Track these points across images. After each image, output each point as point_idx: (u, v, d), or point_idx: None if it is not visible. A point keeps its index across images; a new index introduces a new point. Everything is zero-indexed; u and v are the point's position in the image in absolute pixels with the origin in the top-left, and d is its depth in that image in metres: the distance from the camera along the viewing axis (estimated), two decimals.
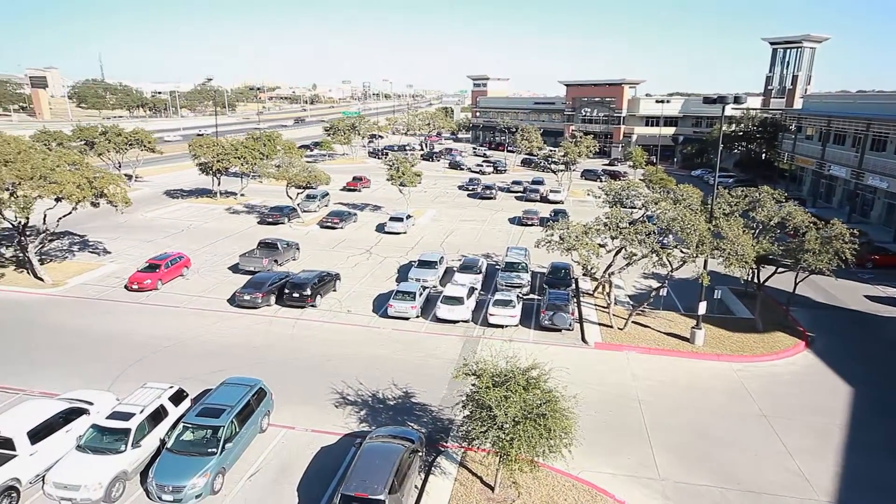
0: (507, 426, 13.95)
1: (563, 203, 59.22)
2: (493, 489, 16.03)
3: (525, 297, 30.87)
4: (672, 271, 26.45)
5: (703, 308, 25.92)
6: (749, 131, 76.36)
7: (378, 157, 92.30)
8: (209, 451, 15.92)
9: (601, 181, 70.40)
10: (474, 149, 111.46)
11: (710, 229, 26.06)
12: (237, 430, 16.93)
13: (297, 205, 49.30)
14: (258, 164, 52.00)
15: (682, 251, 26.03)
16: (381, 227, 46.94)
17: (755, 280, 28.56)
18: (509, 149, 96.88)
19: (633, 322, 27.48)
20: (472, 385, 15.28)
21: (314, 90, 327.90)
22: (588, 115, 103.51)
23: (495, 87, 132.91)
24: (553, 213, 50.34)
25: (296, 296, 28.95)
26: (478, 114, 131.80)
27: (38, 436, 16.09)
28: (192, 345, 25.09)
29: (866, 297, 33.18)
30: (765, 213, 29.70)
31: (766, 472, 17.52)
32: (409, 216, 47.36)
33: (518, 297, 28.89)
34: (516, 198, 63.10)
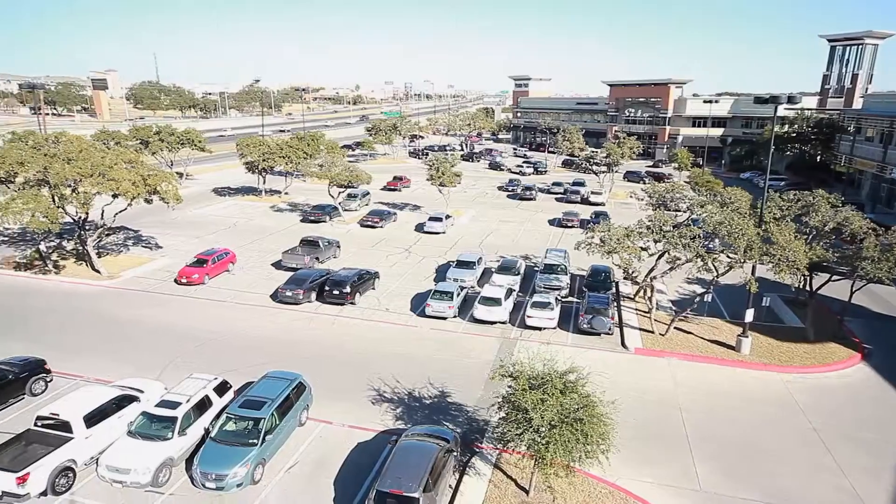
0: (543, 429, 13.83)
1: (604, 205, 58.25)
2: (527, 492, 15.91)
3: (564, 300, 30.51)
4: (718, 277, 25.62)
5: (750, 315, 25.00)
6: (803, 132, 73.06)
7: (418, 158, 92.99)
8: (250, 441, 16.39)
9: (644, 183, 68.80)
10: (514, 149, 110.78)
11: (759, 234, 25.12)
12: (277, 423, 17.37)
13: (339, 203, 50.17)
14: (302, 164, 53.26)
15: (728, 256, 25.19)
16: (420, 227, 47.26)
17: (807, 288, 27.35)
18: (550, 150, 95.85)
19: (675, 328, 26.77)
20: (509, 387, 15.21)
21: (357, 91, 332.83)
22: (632, 115, 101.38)
23: (537, 88, 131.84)
24: (594, 215, 49.50)
25: (336, 293, 29.48)
26: (519, 114, 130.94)
27: (92, 420, 16.94)
28: (236, 338, 25.89)
29: None
30: (819, 218, 28.42)
31: (817, 490, 16.75)
32: (448, 216, 47.50)
33: (557, 299, 28.58)
34: (556, 199, 62.42)
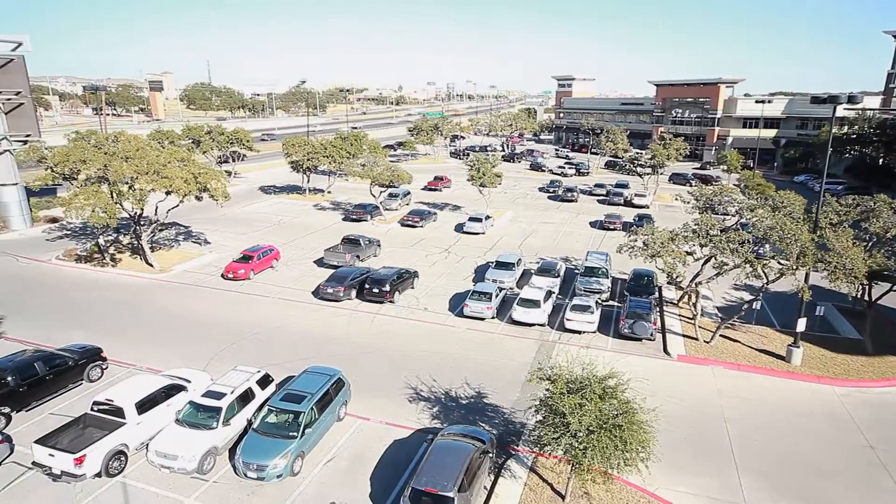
0: (581, 435, 13.64)
1: (648, 207, 56.97)
2: (563, 498, 15.72)
3: (604, 304, 29.99)
4: (768, 284, 24.64)
5: (802, 325, 23.92)
6: (864, 134, 69.39)
7: (459, 158, 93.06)
8: (290, 434, 16.80)
9: (691, 185, 66.86)
10: (556, 150, 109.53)
11: (813, 240, 24.03)
12: (316, 417, 17.74)
13: (380, 203, 50.79)
14: (344, 163, 54.19)
15: (780, 262, 24.19)
16: (459, 227, 47.33)
17: (865, 297, 25.96)
18: (593, 151, 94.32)
19: (721, 335, 25.89)
20: (546, 390, 15.05)
21: (400, 91, 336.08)
22: (679, 116, 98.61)
23: (580, 88, 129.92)
24: (637, 218, 48.56)
25: (375, 291, 29.86)
26: (561, 115, 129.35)
27: (143, 407, 17.70)
28: (278, 333, 26.58)
29: None
30: (880, 224, 26.90)
31: None
32: (488, 217, 47.40)
33: (597, 302, 28.12)
34: (599, 201, 61.35)
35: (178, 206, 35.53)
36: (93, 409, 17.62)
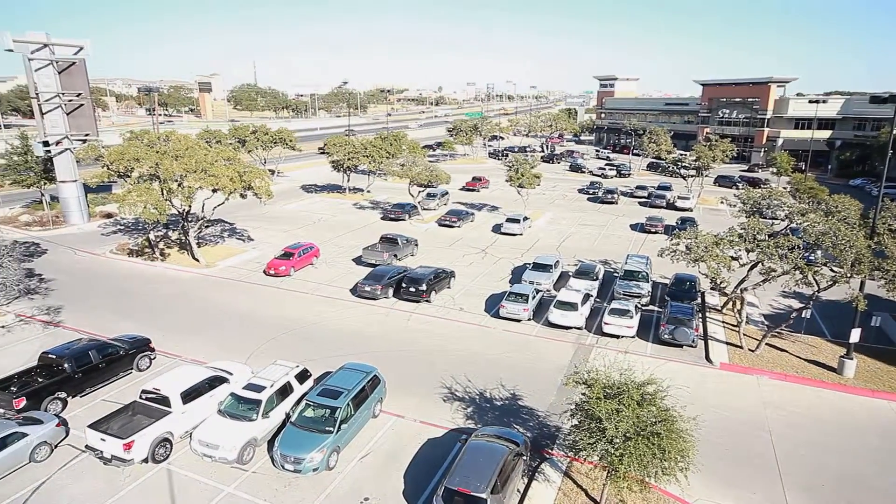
0: (618, 441, 13.38)
1: (691, 210, 55.43)
2: None
3: (644, 308, 29.34)
4: (819, 292, 23.58)
5: (856, 335, 22.79)
6: None
7: (498, 158, 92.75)
8: (327, 429, 17.10)
9: (738, 188, 64.64)
10: (597, 151, 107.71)
11: (870, 247, 22.87)
12: (352, 413, 18.01)
13: (418, 202, 51.12)
14: (384, 163, 54.80)
15: (832, 270, 23.13)
16: (497, 228, 47.17)
17: None
18: (634, 152, 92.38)
19: (767, 344, 24.95)
20: (583, 394, 14.83)
21: (440, 92, 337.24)
22: (726, 116, 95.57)
23: (623, 88, 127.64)
24: (680, 221, 47.31)
25: (412, 290, 30.08)
26: (603, 115, 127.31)
27: (188, 397, 18.35)
28: (317, 329, 27.10)
29: None
30: None
31: None
32: (525, 218, 47.07)
33: (636, 307, 27.50)
34: (640, 203, 60.06)
35: (223, 203, 36.67)
36: (141, 397, 18.36)
